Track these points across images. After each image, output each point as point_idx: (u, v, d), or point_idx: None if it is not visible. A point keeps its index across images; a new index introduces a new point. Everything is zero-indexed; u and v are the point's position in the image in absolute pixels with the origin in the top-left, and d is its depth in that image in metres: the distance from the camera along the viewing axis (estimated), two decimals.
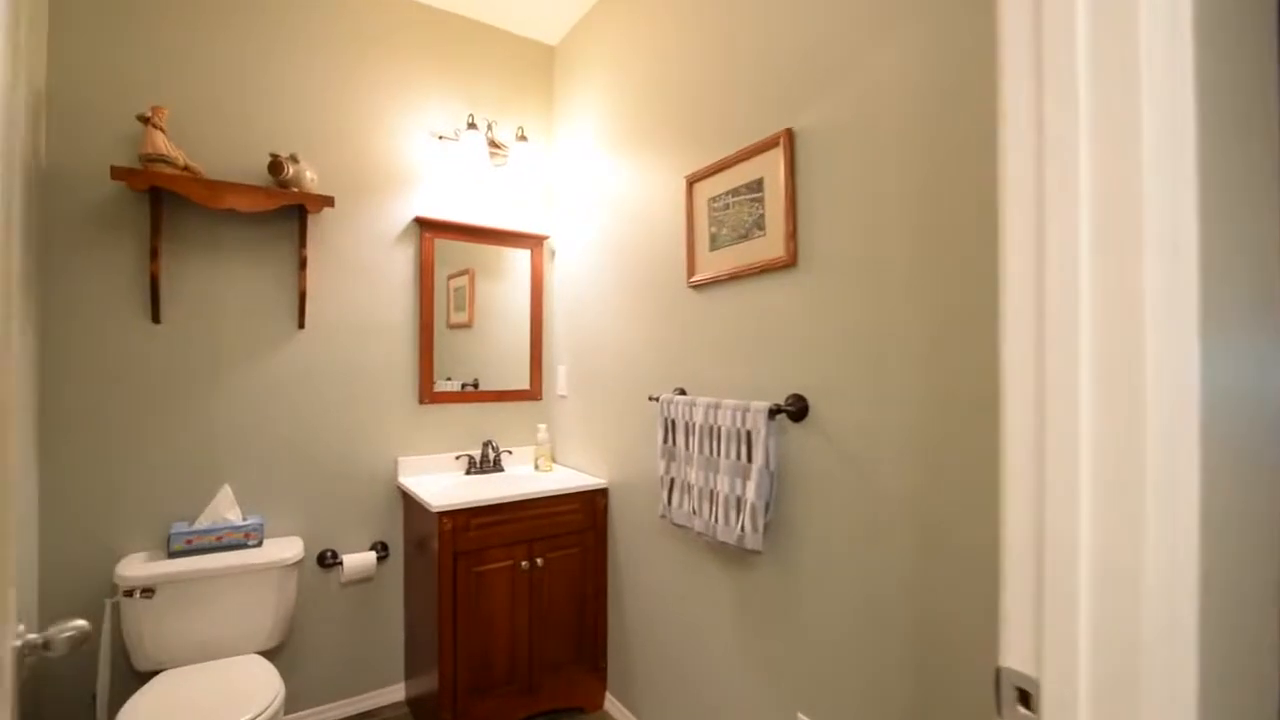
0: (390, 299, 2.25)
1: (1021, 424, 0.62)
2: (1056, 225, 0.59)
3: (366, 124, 2.21)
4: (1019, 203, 0.63)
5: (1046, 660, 0.59)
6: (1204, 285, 0.54)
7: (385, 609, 2.24)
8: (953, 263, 1.12)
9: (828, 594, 1.37)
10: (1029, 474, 0.61)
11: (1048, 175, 0.60)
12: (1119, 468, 0.54)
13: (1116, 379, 0.54)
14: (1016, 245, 0.63)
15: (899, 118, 1.21)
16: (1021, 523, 0.61)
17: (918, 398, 1.18)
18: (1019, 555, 0.62)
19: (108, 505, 1.81)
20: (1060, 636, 0.58)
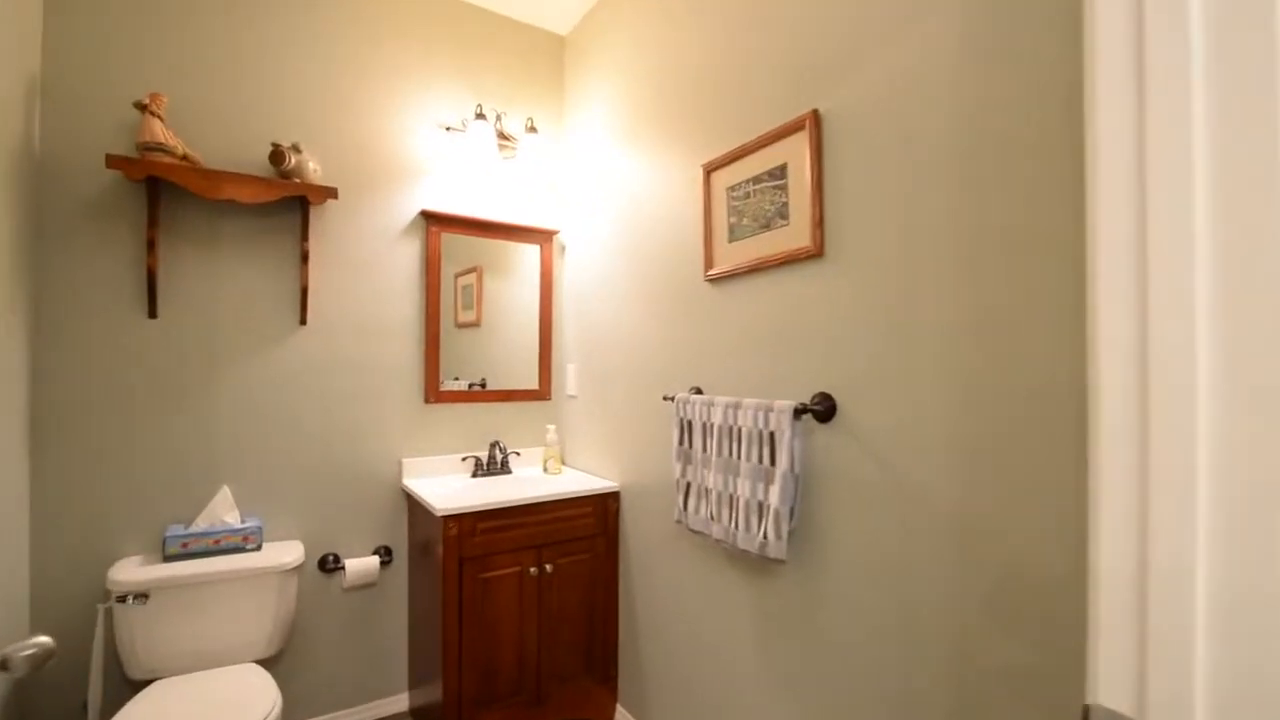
0: (395, 295, 2.18)
1: (1117, 424, 0.53)
2: (1163, 182, 0.50)
3: (371, 113, 2.14)
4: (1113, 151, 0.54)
5: (1153, 700, 0.50)
6: None
7: (389, 615, 2.17)
8: (998, 249, 1.03)
9: (857, 609, 1.27)
10: (1127, 481, 0.52)
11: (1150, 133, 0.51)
12: (1254, 474, 0.45)
13: (1246, 370, 0.45)
14: (1110, 207, 0.54)
15: (937, 93, 1.12)
16: (1118, 537, 0.52)
17: (958, 397, 1.08)
18: (1114, 574, 0.53)
19: (101, 507, 1.74)
20: (1172, 672, 0.49)
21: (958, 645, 1.08)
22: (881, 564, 1.22)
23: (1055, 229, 0.95)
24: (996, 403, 1.03)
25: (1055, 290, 0.95)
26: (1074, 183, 0.93)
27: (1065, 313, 0.94)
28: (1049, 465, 0.95)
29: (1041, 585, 0.96)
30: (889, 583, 1.21)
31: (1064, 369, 0.94)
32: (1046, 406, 0.96)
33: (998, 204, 1.03)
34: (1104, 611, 0.53)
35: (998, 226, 1.03)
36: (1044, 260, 0.96)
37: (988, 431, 1.04)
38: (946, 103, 1.11)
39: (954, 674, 1.09)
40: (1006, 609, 1.01)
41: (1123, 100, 0.53)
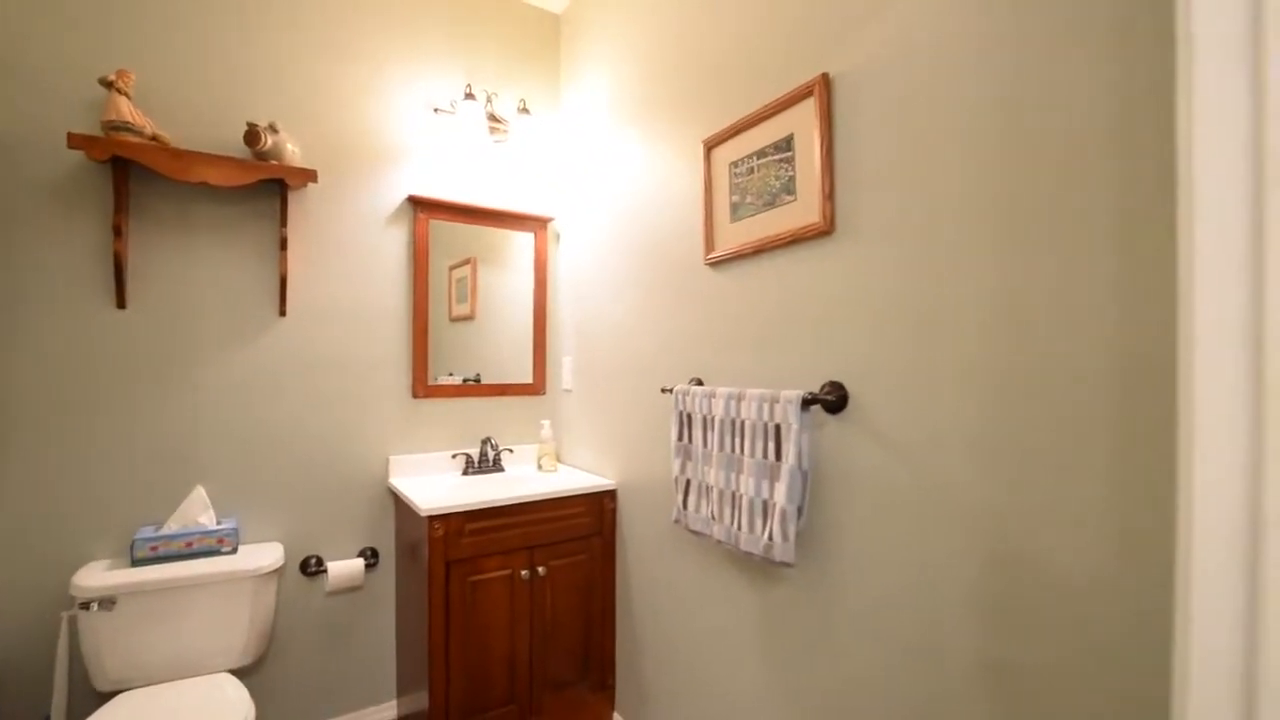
0: (381, 284, 2.08)
1: (1213, 485, 0.41)
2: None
3: (354, 93, 2.03)
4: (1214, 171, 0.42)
5: None
6: None
7: (375, 620, 2.07)
8: (1032, 224, 0.91)
9: (871, 618, 1.16)
10: (1227, 576, 0.40)
11: None
12: None
13: None
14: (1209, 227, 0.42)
15: (964, 48, 1.01)
16: (1214, 606, 0.41)
17: (984, 387, 0.97)
18: (1208, 656, 0.41)
19: (65, 508, 1.64)
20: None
21: (983, 656, 0.97)
22: (897, 572, 1.11)
23: (1098, 203, 0.84)
24: (1027, 394, 0.91)
25: (1096, 271, 0.84)
26: (1119, 154, 0.81)
27: (1106, 295, 0.83)
28: (1082, 461, 0.84)
29: (1072, 588, 0.85)
30: (906, 594, 1.10)
31: (1101, 358, 0.83)
32: (1081, 399, 0.84)
33: (1033, 174, 0.91)
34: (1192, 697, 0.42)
35: (1032, 200, 0.92)
36: (1085, 238, 0.85)
37: (1016, 425, 0.93)
38: (975, 58, 0.99)
39: (983, 702, 0.98)
40: (1048, 629, 0.90)
41: (1234, 35, 0.42)
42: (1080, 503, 0.85)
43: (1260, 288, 0.40)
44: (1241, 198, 0.41)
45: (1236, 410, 0.40)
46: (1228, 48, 0.42)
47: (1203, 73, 0.43)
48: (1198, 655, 0.42)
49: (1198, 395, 0.43)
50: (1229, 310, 0.42)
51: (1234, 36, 0.42)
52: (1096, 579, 0.83)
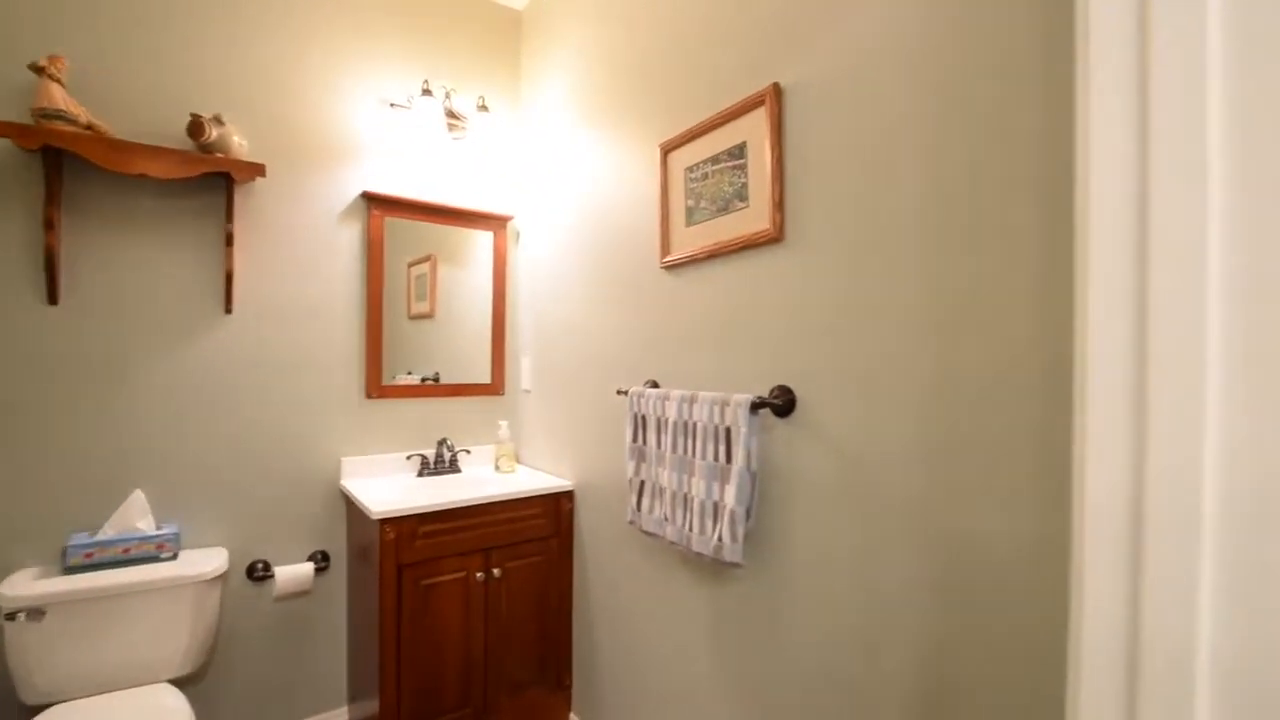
0: (333, 282, 2.03)
1: (1104, 470, 0.44)
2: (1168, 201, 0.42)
3: (305, 85, 1.98)
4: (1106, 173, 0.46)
5: None
6: None
7: (326, 625, 2.02)
8: (967, 235, 0.95)
9: (816, 612, 1.20)
10: (1116, 541, 0.43)
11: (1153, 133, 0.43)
12: (1267, 510, 0.37)
13: (1267, 404, 0.37)
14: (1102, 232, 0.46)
15: (904, 64, 1.05)
16: (1103, 599, 0.44)
17: (921, 389, 1.01)
18: (1099, 642, 0.44)
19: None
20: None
21: (920, 634, 1.01)
22: (841, 564, 1.15)
23: (1024, 216, 0.88)
24: (958, 393, 0.95)
25: (1023, 280, 0.88)
26: (1046, 166, 0.85)
27: (1031, 303, 0.87)
28: (1007, 453, 0.89)
29: (998, 563, 0.89)
30: (849, 583, 1.13)
31: (1024, 359, 0.87)
32: (1005, 397, 0.89)
33: (967, 187, 0.95)
34: (1084, 676, 0.45)
35: (966, 211, 0.95)
36: (1012, 249, 0.89)
37: (949, 422, 0.97)
38: (914, 76, 1.03)
39: (917, 671, 1.02)
40: (966, 592, 0.94)
41: (1122, 70, 0.45)
42: (1006, 490, 0.90)
43: (1143, 309, 0.43)
44: (1129, 230, 0.44)
45: (1120, 412, 0.43)
46: (1119, 83, 0.45)
47: (1097, 101, 0.46)
48: (1090, 613, 0.46)
49: (1089, 399, 0.46)
50: (1116, 326, 0.44)
51: (1124, 71, 0.45)
52: (1019, 553, 0.88)
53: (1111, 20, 0.45)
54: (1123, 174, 0.44)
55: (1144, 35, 0.44)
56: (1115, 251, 0.45)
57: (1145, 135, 0.43)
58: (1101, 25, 0.46)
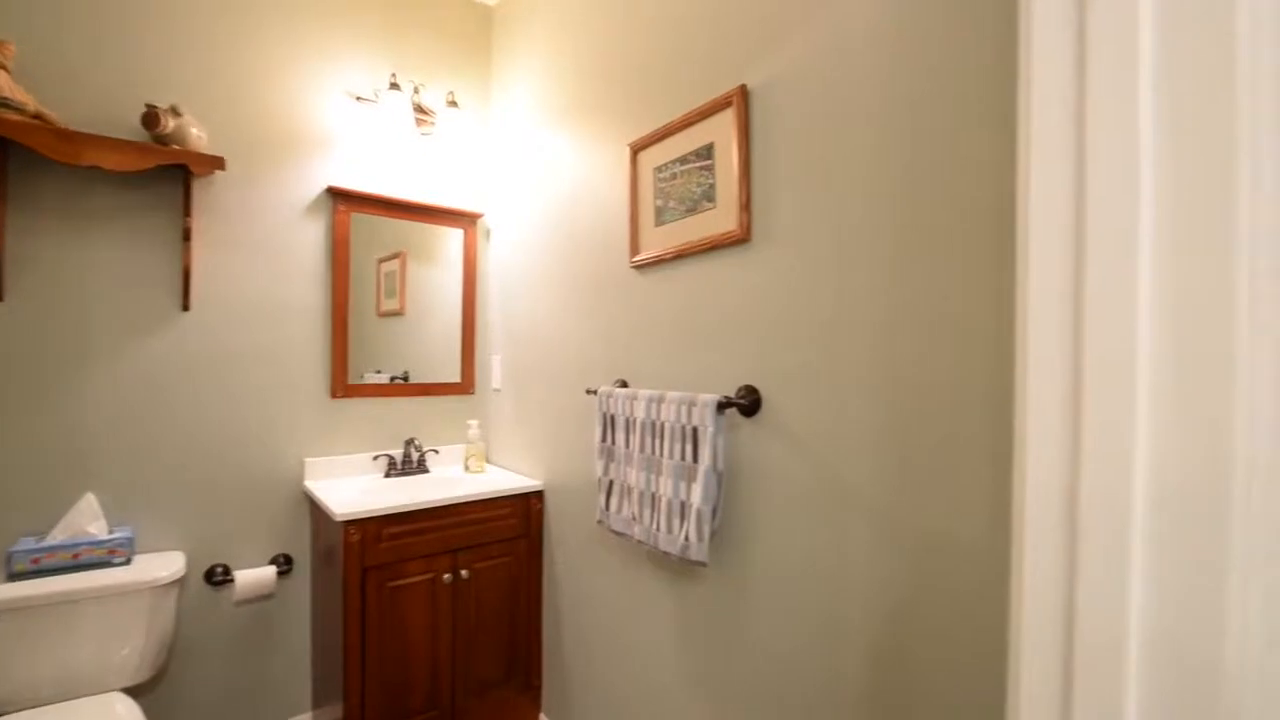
0: (296, 279, 1.99)
1: (1043, 462, 0.45)
2: (1103, 206, 0.43)
3: (268, 76, 1.93)
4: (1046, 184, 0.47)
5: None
6: None
7: (289, 629, 1.98)
8: (926, 239, 0.97)
9: (781, 610, 1.21)
10: (1053, 530, 0.45)
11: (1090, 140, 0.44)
12: (1191, 522, 0.39)
13: (1191, 402, 0.39)
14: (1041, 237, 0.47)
15: (867, 69, 1.06)
16: (1041, 578, 0.45)
17: (883, 389, 1.03)
18: (1038, 626, 0.46)
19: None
20: None
21: (879, 624, 1.03)
22: (806, 563, 1.16)
23: (981, 223, 0.90)
24: (917, 393, 0.97)
25: (978, 284, 0.90)
26: (1002, 175, 0.87)
27: (986, 308, 0.89)
28: (962, 450, 0.91)
29: (953, 553, 0.91)
30: (813, 582, 1.15)
31: (978, 360, 0.89)
32: (960, 398, 0.91)
33: (928, 193, 0.97)
34: (1024, 661, 0.46)
35: (927, 216, 0.97)
36: (970, 254, 0.91)
37: (907, 421, 0.99)
38: (878, 81, 1.04)
39: (880, 683, 1.03)
40: (923, 580, 0.96)
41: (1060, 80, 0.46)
42: (959, 487, 0.92)
43: (1079, 315, 0.44)
44: (1067, 243, 0.45)
45: (1056, 413, 0.45)
46: (1058, 103, 0.46)
47: (1038, 121, 0.47)
48: (1030, 596, 0.48)
49: (1029, 399, 0.47)
50: (1053, 331, 0.46)
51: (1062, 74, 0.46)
52: (973, 543, 0.91)
53: (1052, 40, 0.46)
54: (1060, 191, 0.46)
55: (1082, 51, 0.45)
56: (1053, 261, 0.46)
57: (1082, 153, 0.45)
58: (1043, 47, 0.47)
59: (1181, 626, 0.39)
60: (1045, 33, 0.47)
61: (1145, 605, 0.40)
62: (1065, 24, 0.46)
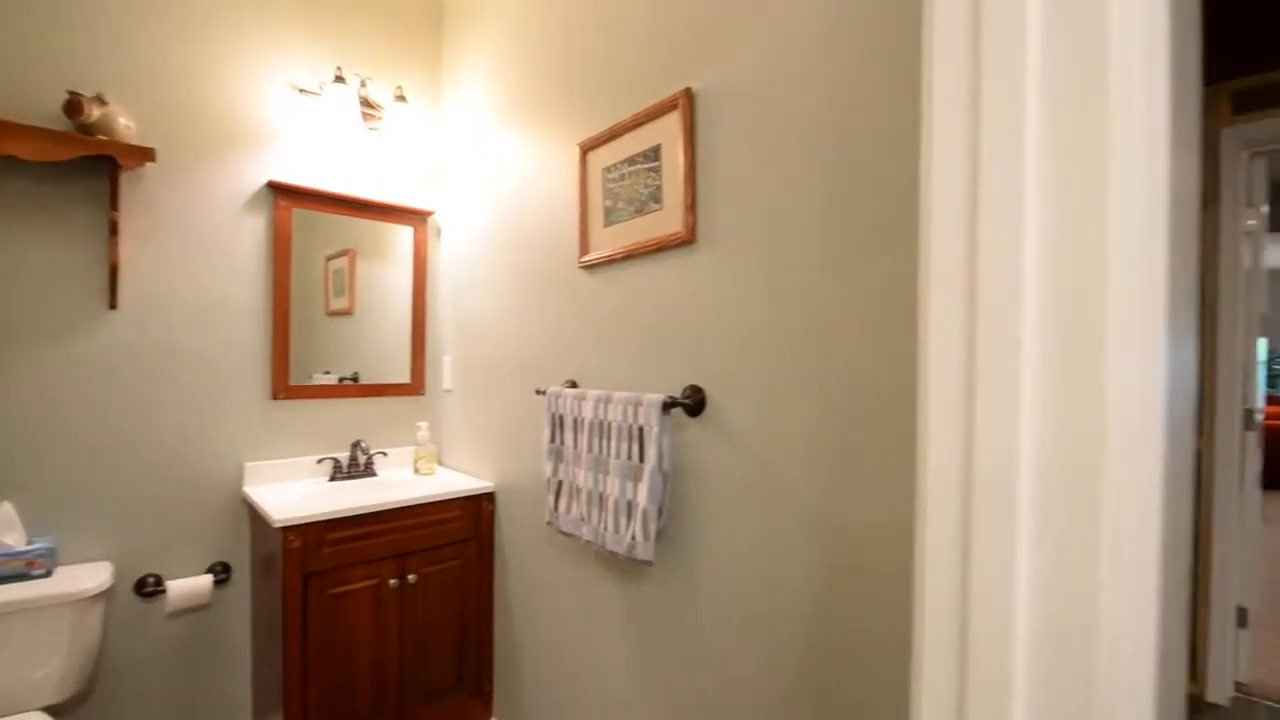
0: (234, 276, 1.91)
1: (943, 441, 0.48)
2: (994, 213, 0.45)
3: (204, 65, 1.85)
4: (945, 185, 0.49)
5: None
6: (1171, 277, 0.42)
7: (228, 640, 1.91)
8: (858, 242, 1.00)
9: (724, 610, 1.23)
10: (951, 501, 0.47)
11: (984, 153, 0.46)
12: (1068, 492, 0.41)
13: (1068, 387, 0.41)
14: (942, 238, 0.49)
15: (808, 77, 1.08)
16: (942, 560, 0.48)
17: (818, 391, 1.05)
18: (939, 603, 0.48)
19: None
20: (989, 704, 0.44)
21: (812, 612, 1.06)
22: (747, 559, 1.18)
23: (907, 229, 0.93)
24: (846, 393, 1.00)
25: (908, 288, 0.93)
26: None
27: (901, 313, 0.92)
28: (882, 445, 0.94)
29: (875, 541, 0.94)
30: (754, 578, 1.17)
31: (894, 363, 0.93)
32: (881, 398, 0.94)
33: (862, 200, 1.00)
34: (927, 644, 0.48)
35: (861, 222, 1.00)
36: (897, 259, 0.94)
37: (836, 419, 1.02)
38: (814, 88, 1.07)
39: (816, 677, 1.06)
40: (863, 605, 0.99)
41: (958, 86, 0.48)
42: (884, 476, 0.96)
43: (973, 315, 0.46)
44: (961, 258, 0.47)
45: (953, 405, 0.47)
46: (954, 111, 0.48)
47: (940, 127, 0.49)
48: (930, 564, 0.50)
49: (930, 392, 0.49)
50: (951, 330, 0.48)
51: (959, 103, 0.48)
52: (892, 530, 0.94)
53: (950, 71, 0.48)
54: (957, 213, 0.48)
55: (976, 64, 0.47)
56: (950, 267, 0.48)
57: (975, 176, 0.47)
58: (942, 68, 0.49)
59: (1059, 583, 0.42)
60: (944, 66, 0.49)
61: (1029, 566, 0.43)
62: (960, 65, 0.48)
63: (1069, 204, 0.41)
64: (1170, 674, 0.54)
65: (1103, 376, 0.40)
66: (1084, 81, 0.41)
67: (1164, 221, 0.40)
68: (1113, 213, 0.39)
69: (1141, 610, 0.40)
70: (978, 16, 0.47)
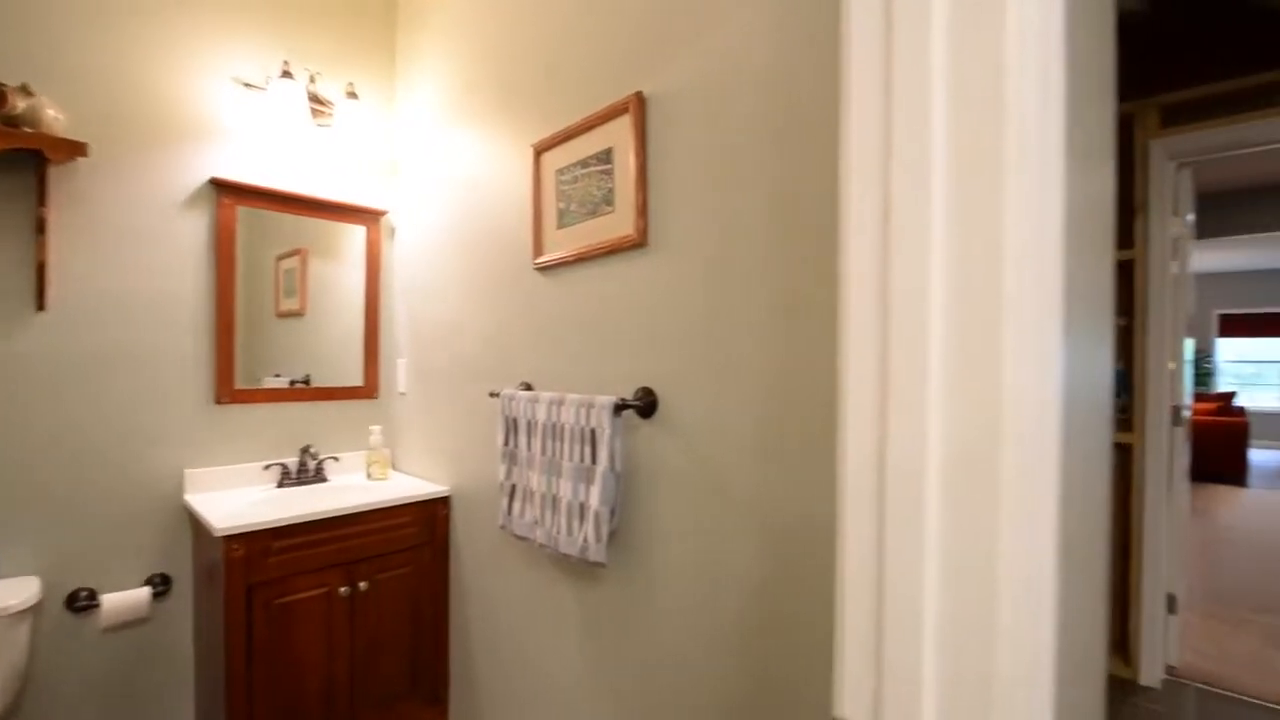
0: (174, 276, 1.84)
1: (859, 436, 0.50)
2: (903, 222, 0.47)
3: (140, 55, 1.78)
4: (861, 194, 0.51)
5: (887, 712, 0.47)
6: (1067, 284, 0.44)
7: (169, 655, 1.83)
8: (801, 246, 1.02)
9: (674, 610, 1.24)
10: (867, 493, 0.49)
11: (895, 165, 0.48)
12: (971, 484, 0.43)
13: (970, 386, 0.43)
14: (856, 243, 0.51)
15: (754, 82, 1.10)
16: (859, 548, 0.49)
17: (763, 392, 1.07)
18: (856, 589, 0.49)
19: None
20: (902, 683, 0.46)
21: (755, 603, 1.07)
22: (695, 558, 1.19)
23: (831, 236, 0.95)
24: (785, 393, 1.02)
25: (832, 292, 0.95)
26: None
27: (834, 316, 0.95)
28: (818, 442, 0.97)
29: (814, 533, 0.96)
30: (701, 577, 1.18)
31: (828, 365, 0.95)
32: (819, 397, 0.96)
33: (805, 206, 1.02)
34: (847, 617, 0.50)
35: (803, 228, 1.02)
36: (834, 260, 0.96)
37: (778, 419, 1.04)
38: (759, 94, 1.09)
39: (760, 674, 1.08)
40: (804, 601, 1.01)
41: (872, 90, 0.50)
42: (818, 476, 0.98)
43: (886, 317, 0.48)
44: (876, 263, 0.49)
45: (868, 400, 0.49)
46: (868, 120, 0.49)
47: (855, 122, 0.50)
48: (849, 560, 0.52)
49: (848, 397, 0.50)
50: (865, 340, 0.49)
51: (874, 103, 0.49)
52: (825, 523, 0.97)
53: (864, 73, 0.50)
54: (870, 226, 0.49)
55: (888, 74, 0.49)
56: (864, 278, 0.49)
57: (887, 183, 0.48)
58: (858, 79, 0.51)
59: (963, 567, 0.44)
60: (860, 80, 0.51)
61: (936, 551, 0.45)
62: (875, 76, 0.50)
63: (969, 217, 0.43)
64: (1077, 651, 0.57)
65: (1000, 376, 0.42)
66: (982, 101, 0.43)
67: (1058, 232, 0.42)
68: (1008, 224, 0.41)
69: (1038, 588, 0.42)
70: (889, 49, 0.49)
